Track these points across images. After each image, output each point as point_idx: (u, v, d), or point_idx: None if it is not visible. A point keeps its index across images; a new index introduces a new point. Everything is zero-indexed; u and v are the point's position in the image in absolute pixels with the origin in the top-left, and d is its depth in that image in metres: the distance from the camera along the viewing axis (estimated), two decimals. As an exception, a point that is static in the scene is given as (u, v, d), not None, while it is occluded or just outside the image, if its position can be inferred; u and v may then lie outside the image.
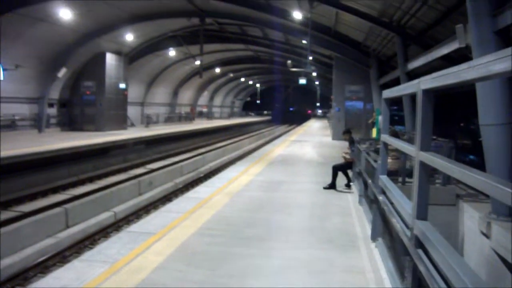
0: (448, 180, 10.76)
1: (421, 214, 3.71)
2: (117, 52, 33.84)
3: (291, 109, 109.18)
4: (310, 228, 8.31)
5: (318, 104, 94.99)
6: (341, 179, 12.67)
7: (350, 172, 13.03)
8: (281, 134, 54.13)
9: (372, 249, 6.93)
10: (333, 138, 31.32)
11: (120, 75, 34.45)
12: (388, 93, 6.03)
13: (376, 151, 9.62)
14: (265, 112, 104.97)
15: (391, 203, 5.50)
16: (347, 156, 12.87)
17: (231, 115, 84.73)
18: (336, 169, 12.64)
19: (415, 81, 3.89)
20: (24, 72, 25.41)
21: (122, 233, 7.65)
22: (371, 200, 8.08)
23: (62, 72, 29.31)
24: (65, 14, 23.45)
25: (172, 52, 38.73)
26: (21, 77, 26.23)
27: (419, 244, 3.67)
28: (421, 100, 3.64)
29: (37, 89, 29.11)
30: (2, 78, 20.94)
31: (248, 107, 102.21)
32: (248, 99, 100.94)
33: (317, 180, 13.79)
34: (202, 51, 34.78)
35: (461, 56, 15.09)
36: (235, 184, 12.67)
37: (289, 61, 30.36)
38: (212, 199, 10.55)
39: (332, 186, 12.40)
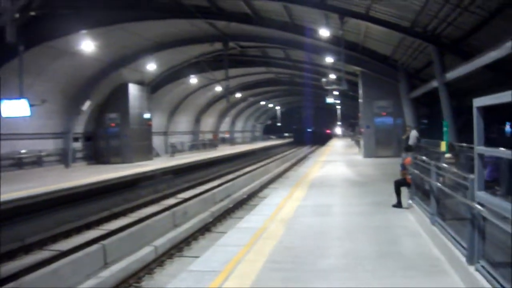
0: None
1: None
2: (140, 82, 33.59)
3: (308, 130, 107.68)
4: (384, 254, 7.58)
5: (339, 123, 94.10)
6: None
7: (404, 190, 12.29)
8: (305, 155, 53.58)
9: (471, 272, 6.01)
10: (365, 156, 30.53)
11: (143, 105, 34.16)
12: (485, 100, 5.27)
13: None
14: (286, 134, 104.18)
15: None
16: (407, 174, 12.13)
17: (253, 139, 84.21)
18: (398, 184, 12.00)
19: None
20: (48, 107, 25.12)
21: (184, 273, 6.91)
22: (459, 219, 7.24)
23: (86, 105, 29.13)
24: (88, 46, 23.17)
25: (193, 80, 38.29)
26: (45, 112, 25.93)
27: None
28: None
29: (61, 123, 28.93)
30: (29, 114, 20.50)
31: (269, 131, 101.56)
32: (269, 122, 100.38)
33: (366, 201, 13.11)
34: (227, 75, 34.56)
35: (503, 63, 14.46)
36: (284, 211, 11.93)
37: (323, 79, 29.75)
38: (267, 228, 9.78)
39: (398, 204, 11.77)
